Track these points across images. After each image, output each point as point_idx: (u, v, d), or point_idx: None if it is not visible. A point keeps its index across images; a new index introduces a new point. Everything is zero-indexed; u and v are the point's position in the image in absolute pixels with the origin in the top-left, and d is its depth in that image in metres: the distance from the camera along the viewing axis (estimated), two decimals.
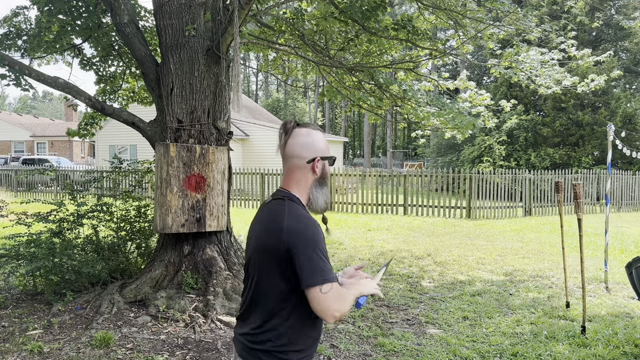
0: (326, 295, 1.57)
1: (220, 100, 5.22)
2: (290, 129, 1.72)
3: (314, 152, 1.71)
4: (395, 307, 5.38)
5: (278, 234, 1.61)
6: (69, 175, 18.59)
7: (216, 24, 5.08)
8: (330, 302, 1.57)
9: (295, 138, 1.71)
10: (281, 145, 1.73)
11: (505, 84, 22.05)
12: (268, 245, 1.63)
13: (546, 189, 14.31)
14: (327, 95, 7.49)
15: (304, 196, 1.74)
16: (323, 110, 56.63)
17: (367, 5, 5.67)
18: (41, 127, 40.60)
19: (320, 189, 1.77)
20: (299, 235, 1.60)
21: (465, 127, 6.88)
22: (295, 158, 1.71)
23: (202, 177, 4.93)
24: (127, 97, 7.90)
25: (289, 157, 1.72)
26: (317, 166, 1.73)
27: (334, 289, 1.59)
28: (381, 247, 8.82)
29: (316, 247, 1.60)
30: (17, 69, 5.44)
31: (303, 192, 1.74)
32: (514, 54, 7.75)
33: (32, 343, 4.02)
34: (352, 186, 15.23)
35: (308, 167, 1.72)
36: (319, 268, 1.57)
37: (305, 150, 1.71)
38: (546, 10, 22.58)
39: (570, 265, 6.98)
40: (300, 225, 1.62)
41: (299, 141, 1.71)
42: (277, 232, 1.61)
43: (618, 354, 4.06)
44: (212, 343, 4.18)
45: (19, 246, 5.22)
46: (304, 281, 1.57)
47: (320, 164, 1.74)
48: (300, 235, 1.60)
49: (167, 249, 5.18)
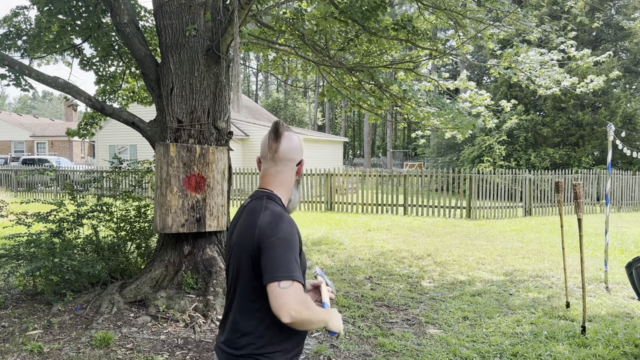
0: (285, 290, 1.49)
1: (220, 100, 5.22)
2: (282, 133, 1.75)
3: (300, 155, 1.80)
4: (395, 307, 5.38)
5: (253, 229, 1.62)
6: (69, 175, 18.59)
7: (216, 24, 5.08)
8: (289, 300, 1.49)
9: (288, 142, 1.75)
10: (273, 148, 1.74)
11: (505, 84, 22.05)
12: (244, 242, 1.65)
13: (546, 189, 14.32)
14: (327, 95, 7.49)
15: (285, 196, 1.78)
16: (323, 110, 56.64)
17: (367, 5, 5.67)
18: (41, 127, 40.60)
19: (297, 189, 1.83)
20: (272, 231, 1.58)
21: (465, 127, 6.88)
22: (288, 161, 1.76)
23: (202, 177, 4.93)
24: (127, 97, 7.90)
25: (281, 159, 1.75)
26: (302, 168, 1.81)
27: (294, 287, 1.51)
28: (381, 247, 8.82)
29: (287, 246, 1.57)
30: (17, 69, 5.44)
31: (286, 192, 1.78)
32: (514, 54, 7.75)
33: (32, 343, 4.02)
34: (352, 186, 15.23)
35: (295, 169, 1.79)
36: (283, 265, 1.52)
37: (296, 154, 1.77)
38: (546, 11, 22.58)
39: (570, 265, 6.98)
40: (275, 222, 1.61)
41: (292, 145, 1.76)
42: (252, 228, 1.62)
43: (618, 354, 4.06)
44: (212, 343, 4.18)
45: (19, 246, 5.22)
46: (265, 277, 1.53)
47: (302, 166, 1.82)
48: (273, 231, 1.58)
49: (167, 249, 5.17)
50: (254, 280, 1.62)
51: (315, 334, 4.47)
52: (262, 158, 1.79)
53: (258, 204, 1.69)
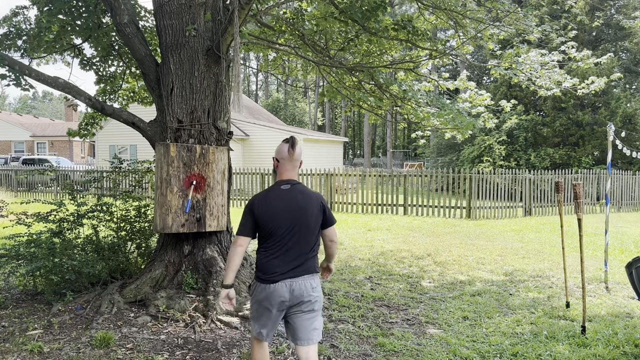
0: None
1: (220, 100, 5.22)
2: (296, 142, 2.89)
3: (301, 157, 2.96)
4: (395, 307, 5.38)
5: (315, 199, 2.85)
6: (69, 175, 18.59)
7: (216, 24, 5.08)
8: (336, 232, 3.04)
9: (299, 148, 2.89)
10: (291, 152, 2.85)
11: (505, 84, 22.06)
12: (309, 207, 2.81)
13: (546, 189, 14.32)
14: (327, 95, 7.49)
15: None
16: (323, 110, 56.62)
17: (367, 6, 5.66)
18: (41, 127, 40.60)
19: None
20: (324, 198, 2.97)
21: (465, 127, 6.88)
22: (300, 161, 2.94)
23: (202, 177, 4.93)
24: (127, 97, 7.90)
25: (297, 160, 2.89)
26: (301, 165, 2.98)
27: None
28: (381, 247, 8.82)
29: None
30: (17, 69, 5.44)
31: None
32: (514, 55, 7.74)
33: (32, 343, 4.02)
34: (352, 186, 15.23)
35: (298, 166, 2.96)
36: (333, 216, 2.97)
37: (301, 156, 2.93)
38: (546, 10, 22.59)
39: (570, 265, 6.98)
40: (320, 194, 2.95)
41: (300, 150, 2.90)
42: (314, 199, 2.85)
43: (618, 354, 4.06)
44: (212, 343, 4.18)
45: (19, 246, 5.22)
46: (330, 222, 2.92)
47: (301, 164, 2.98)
48: (324, 198, 2.98)
49: (167, 249, 5.18)
50: (318, 227, 2.86)
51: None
52: (281, 159, 2.87)
53: (301, 187, 2.87)
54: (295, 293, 2.74)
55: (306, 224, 2.77)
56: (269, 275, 2.73)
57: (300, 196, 2.79)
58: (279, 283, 2.73)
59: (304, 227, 2.77)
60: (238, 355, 3.98)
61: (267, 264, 2.75)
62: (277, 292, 2.72)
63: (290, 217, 2.75)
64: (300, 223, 2.76)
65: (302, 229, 2.77)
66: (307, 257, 2.81)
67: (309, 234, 2.79)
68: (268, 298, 2.75)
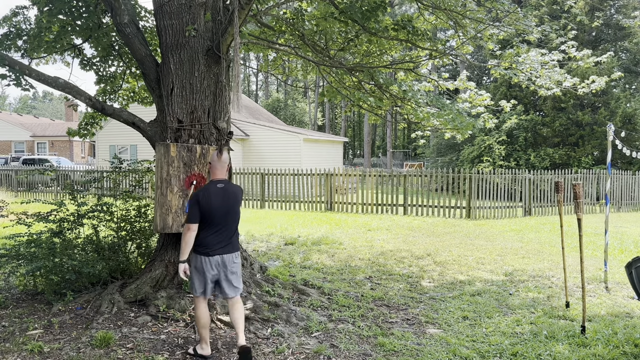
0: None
1: (220, 100, 5.22)
2: (223, 150, 3.93)
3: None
4: (395, 307, 5.39)
5: (239, 193, 3.93)
6: (69, 175, 18.59)
7: (216, 24, 5.09)
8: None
9: (226, 154, 3.94)
10: (219, 157, 3.87)
11: (505, 84, 22.06)
12: (239, 198, 3.90)
13: (546, 189, 14.32)
14: (327, 95, 7.50)
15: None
16: (323, 110, 56.63)
17: (367, 6, 5.66)
18: (41, 127, 40.60)
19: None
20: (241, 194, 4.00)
21: (465, 127, 6.88)
22: (228, 164, 3.98)
23: (203, 177, 4.94)
24: (127, 97, 7.90)
25: (225, 162, 3.91)
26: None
27: None
28: (381, 247, 8.83)
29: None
30: (17, 69, 5.44)
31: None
32: (514, 55, 7.74)
33: (32, 343, 4.03)
34: (352, 186, 15.24)
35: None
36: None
37: (227, 162, 3.97)
38: (546, 10, 22.59)
39: (570, 265, 6.98)
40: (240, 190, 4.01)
41: (227, 156, 3.96)
42: (239, 193, 3.92)
43: (618, 353, 4.06)
44: (212, 343, 4.18)
45: (19, 246, 5.22)
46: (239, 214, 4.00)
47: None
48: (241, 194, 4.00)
49: (168, 248, 5.18)
50: (239, 215, 3.93)
51: (316, 334, 4.48)
52: (214, 162, 3.88)
53: (231, 185, 3.89)
54: (225, 262, 3.77)
55: (233, 212, 3.82)
56: (208, 250, 3.72)
57: (231, 192, 3.82)
58: (215, 256, 3.74)
59: (231, 215, 3.80)
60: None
61: (206, 241, 3.72)
62: (212, 262, 3.73)
63: (224, 208, 3.75)
64: (229, 212, 3.79)
65: (229, 217, 3.79)
66: (233, 237, 3.84)
67: (235, 220, 3.86)
68: (206, 266, 3.72)
